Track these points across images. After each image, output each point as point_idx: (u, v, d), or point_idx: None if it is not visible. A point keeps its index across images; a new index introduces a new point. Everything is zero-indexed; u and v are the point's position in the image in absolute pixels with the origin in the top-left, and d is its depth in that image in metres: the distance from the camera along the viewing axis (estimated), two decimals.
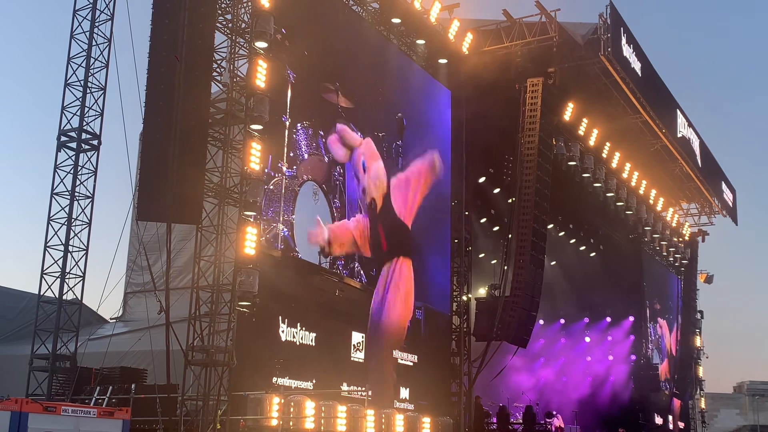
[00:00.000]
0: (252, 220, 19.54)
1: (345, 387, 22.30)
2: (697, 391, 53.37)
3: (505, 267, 30.16)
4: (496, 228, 34.95)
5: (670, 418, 47.77)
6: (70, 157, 20.03)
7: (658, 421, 45.65)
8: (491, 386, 31.08)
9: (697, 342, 51.94)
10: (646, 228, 45.03)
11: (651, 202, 44.51)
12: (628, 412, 42.64)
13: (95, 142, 20.22)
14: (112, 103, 20.24)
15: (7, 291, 28.07)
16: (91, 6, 20.61)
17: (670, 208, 48.41)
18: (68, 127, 20.12)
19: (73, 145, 20.04)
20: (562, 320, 41.14)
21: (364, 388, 20.78)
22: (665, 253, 49.40)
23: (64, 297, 19.43)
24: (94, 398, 18.78)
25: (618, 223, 42.85)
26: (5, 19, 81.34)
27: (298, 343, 21.37)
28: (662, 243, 48.13)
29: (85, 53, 20.45)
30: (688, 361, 50.79)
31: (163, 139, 18.23)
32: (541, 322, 35.55)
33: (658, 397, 46.36)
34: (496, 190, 34.42)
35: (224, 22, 20.36)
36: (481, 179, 33.38)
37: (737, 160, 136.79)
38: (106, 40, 20.61)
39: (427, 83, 29.69)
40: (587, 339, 43.18)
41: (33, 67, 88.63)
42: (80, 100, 20.16)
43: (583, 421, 35.85)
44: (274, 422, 18.57)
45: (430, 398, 26.78)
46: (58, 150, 20.06)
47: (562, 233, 39.83)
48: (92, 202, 20.05)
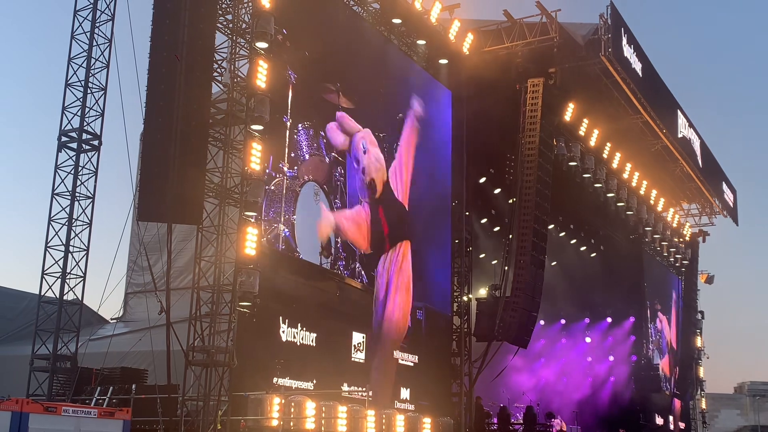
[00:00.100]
0: (252, 221, 19.53)
1: (345, 387, 22.29)
2: (698, 392, 53.30)
3: (506, 267, 30.17)
4: (497, 228, 34.91)
5: (671, 418, 47.73)
6: (71, 158, 20.06)
7: (659, 421, 45.59)
8: (492, 387, 31.04)
9: (698, 342, 51.89)
10: (646, 228, 45.01)
11: (651, 202, 44.49)
12: (629, 413, 42.58)
13: (96, 143, 20.26)
14: (112, 103, 20.30)
15: (8, 291, 28.08)
16: (91, 6, 20.64)
17: (670, 209, 48.39)
18: (69, 127, 20.16)
19: (74, 146, 20.07)
20: (563, 321, 41.11)
21: (364, 389, 20.77)
22: (666, 254, 49.37)
23: (65, 297, 19.46)
24: (94, 398, 18.78)
25: (618, 224, 42.83)
26: (6, 20, 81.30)
27: (298, 344, 21.35)
28: (663, 243, 48.11)
29: (85, 53, 20.48)
30: (688, 362, 50.76)
31: (163, 140, 18.23)
32: (542, 322, 35.51)
33: (659, 398, 46.32)
34: (497, 191, 34.39)
35: (225, 23, 20.36)
36: (482, 179, 33.35)
37: (738, 161, 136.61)
38: (107, 41, 20.65)
39: (428, 83, 29.68)
40: (588, 339, 43.12)
41: (33, 67, 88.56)
42: (81, 100, 20.19)
43: (584, 421, 35.85)
44: (275, 422, 18.57)
45: (431, 399, 26.76)
46: (59, 150, 20.09)
47: (562, 234, 39.80)
48: (93, 202, 20.09)
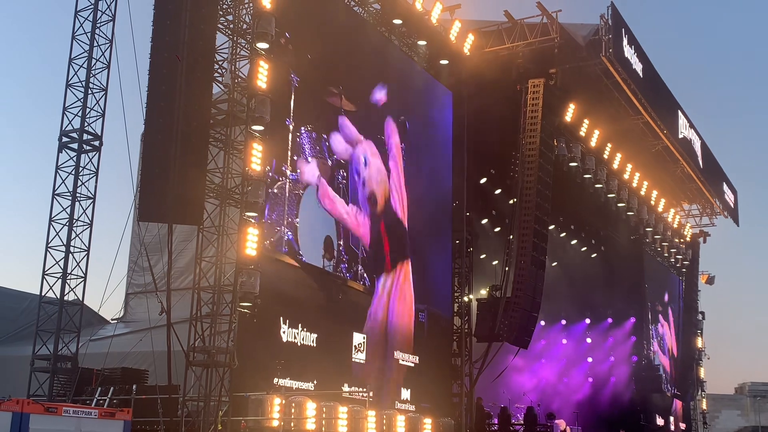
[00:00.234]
0: (253, 221, 19.53)
1: (346, 388, 22.29)
2: (699, 392, 53.29)
3: (507, 268, 30.19)
4: (498, 229, 34.92)
5: (672, 419, 47.71)
6: (72, 158, 20.07)
7: (660, 422, 45.57)
8: (492, 387, 31.05)
9: (699, 343, 51.87)
10: (647, 229, 45.04)
11: (652, 203, 44.49)
12: (630, 413, 42.58)
13: (96, 143, 20.28)
14: (113, 104, 20.31)
15: (9, 292, 28.08)
16: (92, 7, 20.66)
17: (671, 209, 48.39)
18: (70, 127, 20.17)
19: (75, 146, 20.08)
20: (564, 321, 41.08)
21: (365, 389, 20.76)
22: (666, 254, 49.39)
23: (66, 298, 19.47)
24: (95, 399, 18.80)
25: (619, 224, 42.84)
26: (6, 20, 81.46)
27: (299, 344, 21.36)
28: (663, 244, 48.14)
29: (86, 54, 20.50)
30: (689, 362, 50.72)
31: (164, 140, 18.24)
32: (543, 323, 35.50)
33: (660, 398, 46.30)
34: (498, 191, 34.40)
35: (226, 23, 20.36)
36: (483, 180, 33.36)
37: (739, 161, 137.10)
38: (108, 41, 20.67)
39: (429, 84, 29.68)
40: (588, 340, 43.10)
41: (34, 68, 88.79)
42: (82, 101, 20.21)
43: (584, 422, 35.81)
44: (276, 423, 18.57)
45: (432, 399, 26.76)
46: (60, 151, 20.11)
47: (563, 234, 39.79)
48: (93, 202, 20.11)
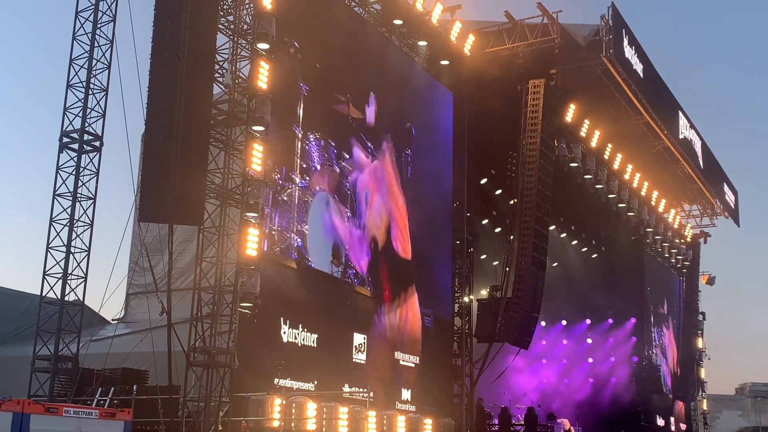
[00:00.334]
0: (254, 222, 19.54)
1: (347, 388, 22.29)
2: (699, 393, 53.29)
3: (507, 268, 30.18)
4: (498, 229, 34.93)
5: (672, 419, 47.68)
6: (72, 158, 20.07)
7: (660, 422, 45.56)
8: (493, 388, 31.02)
9: (699, 343, 51.85)
10: (648, 229, 45.04)
11: (653, 203, 44.49)
12: (630, 414, 42.56)
13: (97, 144, 20.27)
14: (114, 104, 20.31)
15: (9, 292, 28.07)
16: (93, 8, 20.65)
17: (671, 210, 48.38)
18: (70, 128, 20.17)
19: (75, 147, 20.08)
20: (564, 322, 41.07)
21: (365, 390, 20.77)
22: (667, 255, 49.38)
23: (66, 298, 19.46)
24: (95, 399, 18.80)
25: (620, 225, 42.84)
26: (7, 21, 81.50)
27: (299, 345, 21.37)
28: (664, 244, 48.15)
29: (87, 54, 20.50)
30: (689, 363, 50.69)
31: (165, 141, 18.24)
32: (543, 323, 35.49)
33: (659, 399, 46.29)
34: (498, 192, 34.40)
35: (226, 24, 20.37)
36: (483, 180, 33.35)
37: (739, 162, 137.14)
38: (108, 42, 20.67)
39: (429, 85, 29.69)
40: (589, 340, 43.08)
41: (35, 68, 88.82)
42: (82, 101, 20.19)
43: (585, 422, 35.81)
44: (276, 423, 18.57)
45: (432, 400, 26.76)
46: (60, 151, 20.10)
47: (563, 235, 39.79)
48: (94, 203, 20.10)
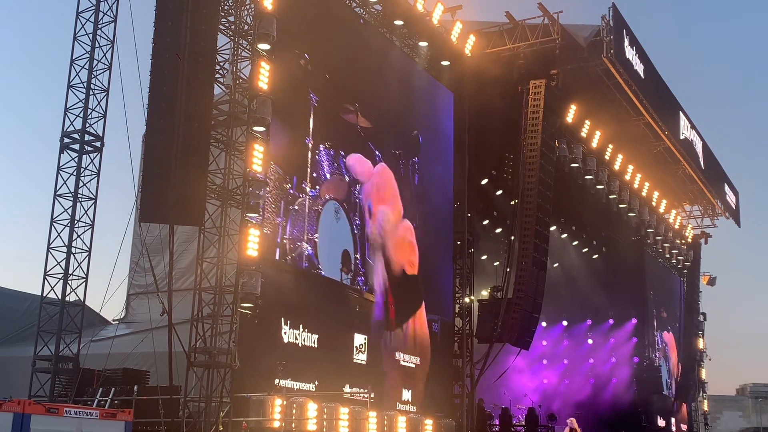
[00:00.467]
0: (254, 222, 19.54)
1: (347, 389, 22.30)
2: (700, 394, 53.25)
3: (508, 269, 30.17)
4: (499, 230, 34.93)
5: (673, 420, 47.65)
6: (73, 159, 20.07)
7: (661, 423, 45.53)
8: (494, 388, 31.03)
9: (700, 344, 51.80)
10: (648, 230, 45.03)
11: (654, 204, 44.47)
12: (631, 414, 42.53)
13: (98, 144, 20.27)
14: (114, 104, 20.31)
15: (10, 292, 28.05)
16: (93, 8, 20.66)
17: (672, 210, 48.35)
18: (71, 128, 20.17)
19: (76, 147, 20.08)
20: (565, 322, 41.04)
21: (366, 390, 20.76)
22: (668, 255, 49.35)
23: (67, 298, 19.47)
24: (96, 400, 18.80)
25: (621, 225, 42.82)
26: (8, 21, 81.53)
27: (300, 345, 21.37)
28: (665, 245, 48.12)
29: (88, 55, 20.50)
30: (690, 364, 50.66)
31: (165, 141, 18.24)
32: (544, 324, 35.47)
33: (661, 399, 46.26)
34: (499, 192, 34.40)
35: (227, 24, 20.37)
36: (484, 181, 33.36)
37: (740, 163, 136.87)
38: (109, 42, 20.67)
39: (430, 85, 29.69)
40: (590, 341, 43.07)
41: (36, 68, 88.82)
42: (83, 101, 20.20)
43: (586, 423, 35.73)
44: (277, 424, 18.58)
45: (433, 400, 26.76)
46: (61, 152, 20.10)
47: (564, 235, 39.77)
48: (95, 203, 20.10)
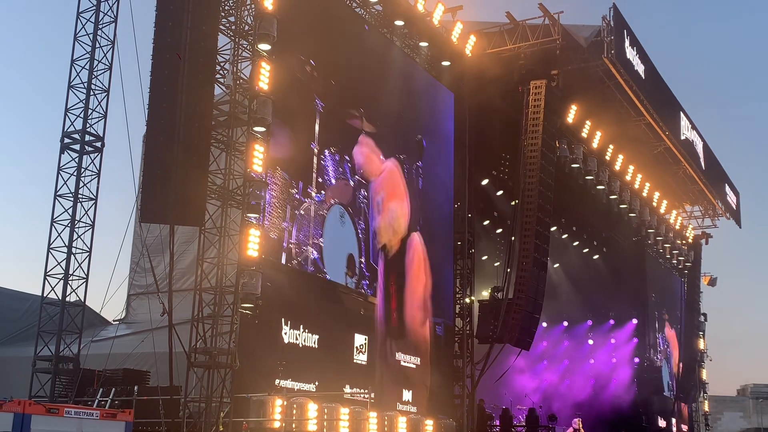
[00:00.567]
0: (255, 222, 19.55)
1: (348, 389, 22.29)
2: (701, 394, 53.23)
3: (508, 269, 30.16)
4: (499, 230, 34.93)
5: (674, 420, 47.63)
6: (74, 159, 20.06)
7: (662, 423, 45.52)
8: (494, 389, 31.01)
9: (701, 345, 51.80)
10: (649, 230, 44.98)
11: (654, 204, 44.44)
12: (631, 415, 42.52)
13: (98, 144, 20.26)
14: (115, 105, 20.31)
15: (11, 292, 28.07)
16: (94, 8, 20.66)
17: (673, 211, 48.32)
18: (72, 129, 20.16)
19: (77, 147, 20.08)
20: (565, 322, 41.03)
21: (366, 391, 20.76)
22: (668, 256, 49.32)
23: (67, 299, 19.45)
24: (96, 400, 18.81)
25: (621, 226, 42.79)
26: (9, 21, 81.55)
27: (300, 345, 21.38)
28: (665, 245, 48.07)
29: (88, 55, 20.49)
30: (691, 364, 50.65)
31: (166, 141, 18.24)
32: (544, 324, 35.46)
33: (662, 400, 46.24)
34: (499, 192, 34.39)
35: (227, 24, 20.38)
36: (484, 181, 33.35)
37: (741, 163, 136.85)
38: (110, 43, 20.66)
39: (430, 85, 29.69)
40: (590, 341, 43.06)
41: (36, 69, 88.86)
42: (84, 102, 20.19)
43: (586, 423, 35.75)
44: (277, 424, 18.58)
45: (433, 401, 26.75)
46: (62, 152, 20.09)
47: (565, 235, 39.76)
48: (95, 203, 20.09)
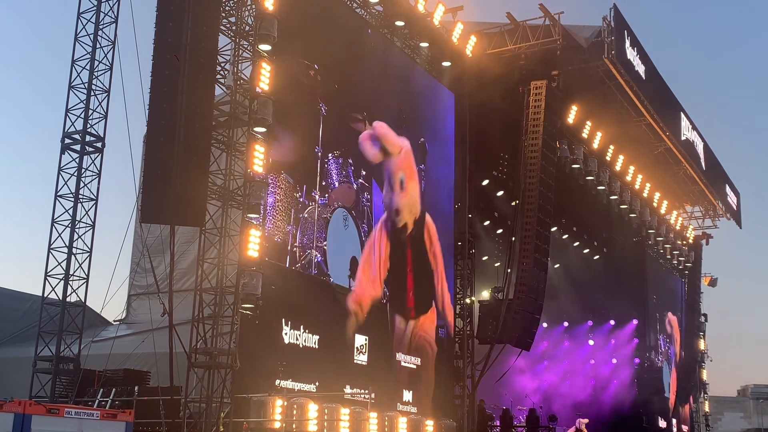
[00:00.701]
0: (255, 223, 19.55)
1: (348, 389, 22.30)
2: (701, 395, 53.22)
3: (509, 270, 30.16)
4: (500, 230, 34.89)
5: (674, 421, 47.61)
6: (74, 160, 20.07)
7: (662, 424, 45.50)
8: (494, 389, 30.99)
9: (701, 345, 51.80)
10: (649, 231, 44.96)
11: (655, 205, 44.44)
12: (632, 416, 42.50)
13: (99, 145, 20.26)
14: (115, 105, 20.31)
15: (11, 293, 28.06)
16: (95, 9, 20.67)
17: (674, 211, 48.31)
18: (72, 129, 20.16)
19: (77, 148, 20.08)
20: (566, 323, 40.98)
21: (367, 391, 20.76)
22: (669, 256, 49.31)
23: (68, 299, 19.45)
24: (97, 400, 18.81)
25: (622, 226, 42.75)
26: (10, 21, 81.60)
27: (301, 346, 21.37)
28: (666, 246, 48.07)
29: (89, 56, 20.49)
30: (692, 365, 50.65)
31: (166, 142, 18.24)
32: (545, 324, 35.42)
33: (662, 401, 46.23)
34: (500, 193, 34.36)
35: (228, 25, 20.38)
36: (485, 182, 33.34)
37: (742, 163, 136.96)
38: (110, 43, 20.66)
39: (431, 86, 29.69)
40: (591, 342, 43.02)
41: (37, 69, 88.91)
42: (84, 102, 20.20)
43: (587, 424, 35.73)
44: (277, 424, 18.58)
45: (434, 401, 26.74)
46: (62, 152, 20.09)
47: (565, 236, 39.71)
48: (96, 204, 20.09)
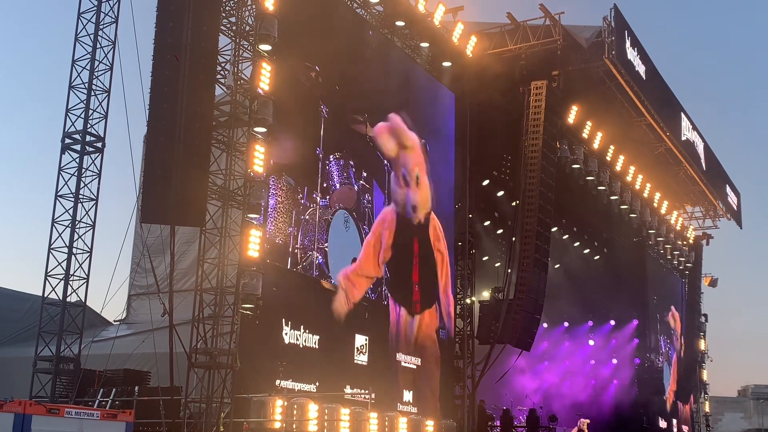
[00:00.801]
0: (255, 223, 19.55)
1: (348, 390, 22.29)
2: (702, 395, 53.21)
3: (509, 270, 30.15)
4: (500, 231, 34.88)
5: (675, 421, 47.60)
6: (75, 160, 20.08)
7: (662, 424, 45.49)
8: (495, 389, 30.99)
9: (702, 345, 51.79)
10: (650, 231, 44.95)
11: (655, 205, 44.43)
12: (632, 416, 42.50)
13: (99, 145, 20.29)
14: (116, 105, 20.33)
15: (11, 293, 28.06)
16: (95, 9, 20.68)
17: (674, 212, 48.30)
18: (72, 129, 20.18)
19: (78, 148, 20.10)
20: (566, 323, 40.98)
21: (367, 391, 20.76)
22: (669, 257, 49.30)
23: (68, 299, 19.47)
24: (97, 400, 18.81)
25: (622, 226, 42.74)
26: (10, 22, 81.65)
27: (301, 346, 21.37)
28: (666, 246, 48.04)
29: (89, 56, 20.51)
30: (692, 365, 50.65)
31: (166, 142, 18.23)
32: (545, 325, 35.43)
33: (662, 401, 46.21)
34: (500, 193, 34.36)
35: (228, 25, 20.38)
36: (485, 182, 33.34)
37: (742, 164, 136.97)
38: (111, 43, 20.68)
39: (431, 86, 29.68)
40: (591, 342, 43.02)
41: (37, 69, 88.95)
42: (84, 102, 20.21)
43: (587, 424, 35.73)
44: (278, 425, 18.59)
45: (434, 401, 26.72)
46: (63, 152, 20.11)
47: (566, 236, 39.71)
48: (96, 204, 20.11)
